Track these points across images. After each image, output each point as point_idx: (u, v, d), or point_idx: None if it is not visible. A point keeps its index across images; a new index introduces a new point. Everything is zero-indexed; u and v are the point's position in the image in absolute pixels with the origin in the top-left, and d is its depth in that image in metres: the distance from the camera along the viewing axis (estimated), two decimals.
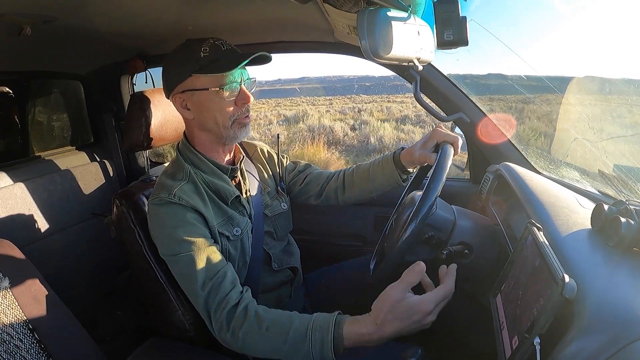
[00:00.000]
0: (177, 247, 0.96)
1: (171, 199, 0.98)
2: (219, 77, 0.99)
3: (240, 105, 1.03)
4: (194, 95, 1.01)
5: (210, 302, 0.94)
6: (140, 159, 2.08)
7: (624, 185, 1.02)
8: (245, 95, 1.03)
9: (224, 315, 0.92)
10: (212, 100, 1.01)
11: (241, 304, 0.93)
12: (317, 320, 0.86)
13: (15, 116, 1.85)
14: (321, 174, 1.33)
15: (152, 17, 1.30)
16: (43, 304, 0.98)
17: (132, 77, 1.99)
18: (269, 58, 1.05)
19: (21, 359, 0.88)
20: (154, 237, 1.03)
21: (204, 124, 1.05)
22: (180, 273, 0.98)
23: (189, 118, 1.06)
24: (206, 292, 0.94)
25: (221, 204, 1.07)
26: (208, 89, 0.99)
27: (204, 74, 0.98)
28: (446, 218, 0.97)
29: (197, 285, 0.94)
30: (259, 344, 0.89)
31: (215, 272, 0.96)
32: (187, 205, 0.99)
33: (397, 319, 0.79)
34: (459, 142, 1.05)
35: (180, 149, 1.11)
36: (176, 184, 1.01)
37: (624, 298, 0.54)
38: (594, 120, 1.28)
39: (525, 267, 0.71)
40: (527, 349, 0.56)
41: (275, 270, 1.18)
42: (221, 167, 1.09)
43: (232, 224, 1.07)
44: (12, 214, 1.54)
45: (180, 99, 1.03)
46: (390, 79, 24.44)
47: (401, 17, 0.84)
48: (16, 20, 1.13)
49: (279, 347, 0.87)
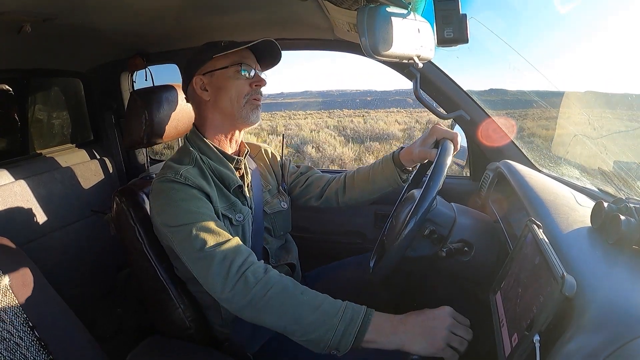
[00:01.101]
0: (183, 217, 0.96)
1: (177, 178, 1.00)
2: (238, 57, 1.09)
3: (254, 87, 1.11)
4: (213, 76, 1.10)
5: (227, 264, 0.90)
6: (140, 157, 2.08)
7: (623, 182, 1.02)
8: (259, 78, 1.12)
9: (248, 275, 0.89)
10: (229, 79, 1.09)
11: (270, 267, 0.93)
12: (350, 304, 0.87)
13: (15, 114, 1.85)
14: (322, 176, 1.36)
15: (152, 15, 1.30)
16: (43, 301, 0.98)
17: (132, 74, 1.98)
18: (278, 53, 1.16)
19: (21, 356, 0.89)
20: (157, 211, 1.01)
21: (219, 104, 1.10)
22: (188, 240, 0.94)
23: (206, 99, 1.11)
24: (221, 255, 0.91)
25: (225, 190, 1.09)
26: (228, 66, 1.08)
27: (225, 52, 1.07)
28: (447, 213, 0.97)
29: (209, 248, 0.92)
30: (286, 307, 0.86)
31: (229, 238, 0.95)
32: (193, 185, 1.00)
33: (419, 314, 0.85)
34: (458, 138, 1.06)
35: (189, 137, 1.15)
36: (183, 167, 1.03)
37: (623, 296, 0.54)
38: (593, 117, 1.28)
39: (525, 264, 0.71)
40: (526, 347, 0.56)
41: (273, 266, 1.18)
42: (227, 156, 1.13)
43: (234, 209, 1.08)
44: (12, 211, 1.54)
45: (200, 80, 1.11)
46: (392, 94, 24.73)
47: (401, 14, 0.84)
48: (16, 18, 1.13)
49: (306, 315, 0.84)
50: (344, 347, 0.82)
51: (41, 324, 0.94)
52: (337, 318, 0.83)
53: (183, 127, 1.39)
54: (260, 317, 0.88)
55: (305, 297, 0.87)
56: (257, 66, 1.13)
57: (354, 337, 0.81)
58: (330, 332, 0.82)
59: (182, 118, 1.36)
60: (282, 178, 1.32)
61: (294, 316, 0.85)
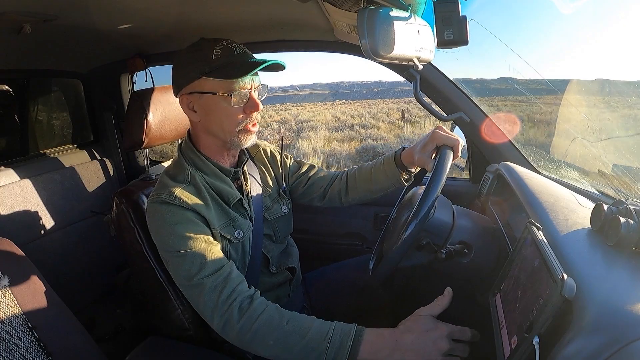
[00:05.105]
0: (177, 243, 0.94)
1: (172, 200, 0.96)
2: (229, 83, 0.96)
3: (248, 113, 1.01)
4: (201, 98, 0.99)
5: (216, 295, 0.90)
6: (140, 158, 2.08)
7: (623, 185, 1.02)
8: (254, 103, 1.00)
9: (234, 307, 0.88)
10: (219, 106, 0.98)
11: (256, 296, 0.91)
12: (339, 325, 0.85)
13: (15, 114, 1.85)
14: (324, 176, 1.32)
15: (153, 15, 1.30)
16: (42, 302, 0.98)
17: (132, 75, 1.99)
18: (282, 66, 1.03)
19: (20, 357, 0.89)
20: (153, 234, 1.00)
21: (209, 128, 1.03)
22: (180, 267, 0.93)
23: (195, 120, 1.04)
24: (211, 285, 0.90)
25: (224, 205, 1.05)
26: (216, 93, 0.97)
27: (214, 77, 0.96)
28: (442, 222, 0.96)
29: (199, 277, 0.91)
30: (273, 338, 0.85)
31: (220, 266, 0.93)
32: (188, 207, 0.97)
33: (415, 330, 0.81)
34: (459, 145, 1.01)
35: (183, 150, 1.09)
36: (177, 187, 0.99)
37: (623, 298, 0.54)
38: (593, 120, 1.28)
39: (524, 266, 0.71)
40: (526, 349, 0.56)
41: (273, 272, 1.18)
42: (224, 170, 1.08)
43: (234, 226, 1.05)
44: (12, 212, 1.54)
45: (187, 99, 1.01)
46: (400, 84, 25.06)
47: (401, 16, 0.84)
48: (16, 19, 1.13)
49: (294, 343, 0.83)
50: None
51: (40, 325, 0.94)
52: (326, 343, 0.82)
53: (183, 128, 1.38)
54: (252, 348, 0.88)
55: (291, 326, 0.85)
56: (254, 83, 1.01)
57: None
58: (321, 358, 0.81)
59: (182, 119, 1.36)
60: (282, 179, 1.28)
61: (282, 347, 0.84)
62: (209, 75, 0.96)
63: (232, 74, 0.95)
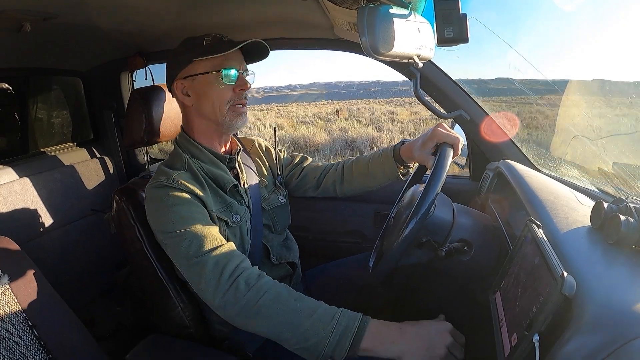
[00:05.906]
0: (177, 223, 0.94)
1: (170, 183, 0.99)
2: (220, 61, 1.03)
3: (237, 92, 1.07)
4: (194, 81, 1.06)
5: (218, 270, 0.89)
6: (140, 156, 2.09)
7: (623, 183, 1.02)
8: (243, 81, 1.07)
9: (240, 281, 0.87)
10: (211, 85, 1.04)
11: (264, 274, 0.91)
12: (346, 310, 0.85)
13: (15, 113, 1.85)
14: (318, 166, 1.35)
15: (152, 14, 1.30)
16: (42, 300, 0.98)
17: (132, 73, 1.98)
18: (265, 48, 1.10)
19: (21, 355, 0.89)
20: (151, 219, 1.01)
21: (202, 110, 1.08)
22: (180, 247, 0.93)
23: (189, 105, 1.09)
24: (213, 261, 0.90)
25: (220, 191, 1.08)
26: (208, 72, 1.03)
27: (206, 56, 1.02)
28: (442, 219, 0.96)
29: (201, 254, 0.91)
30: (279, 316, 0.84)
31: (221, 244, 0.94)
32: (186, 189, 0.99)
33: (420, 323, 0.84)
34: (459, 143, 1.01)
35: (178, 141, 1.14)
36: (175, 172, 1.02)
37: (623, 296, 0.54)
38: (593, 118, 1.28)
39: (524, 264, 0.71)
40: (526, 346, 0.56)
41: (274, 264, 1.18)
42: (219, 156, 1.12)
43: (230, 211, 1.07)
44: (12, 210, 1.54)
45: (181, 85, 1.08)
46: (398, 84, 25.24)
47: (401, 14, 0.84)
48: (16, 17, 1.13)
49: (298, 323, 0.82)
50: (339, 355, 0.80)
51: (40, 323, 0.94)
52: (332, 326, 0.81)
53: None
54: (253, 324, 0.86)
55: (299, 304, 0.85)
56: (242, 65, 1.08)
57: (349, 346, 0.79)
58: (324, 340, 0.80)
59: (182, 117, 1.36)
60: (277, 171, 1.31)
61: (287, 323, 0.83)
62: (201, 56, 1.03)
63: (220, 50, 1.02)
